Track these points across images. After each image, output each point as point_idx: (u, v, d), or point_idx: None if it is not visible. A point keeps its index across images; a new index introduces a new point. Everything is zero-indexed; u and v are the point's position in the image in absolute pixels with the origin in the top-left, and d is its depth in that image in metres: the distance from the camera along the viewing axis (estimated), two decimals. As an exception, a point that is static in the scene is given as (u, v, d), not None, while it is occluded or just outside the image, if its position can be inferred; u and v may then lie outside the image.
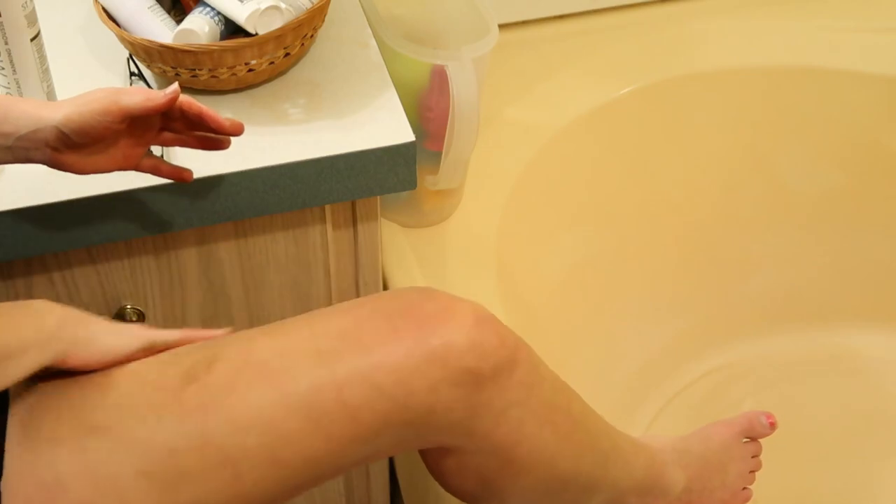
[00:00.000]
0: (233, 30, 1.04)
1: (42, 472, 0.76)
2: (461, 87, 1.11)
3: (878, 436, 1.49)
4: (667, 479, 1.05)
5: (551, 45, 1.46)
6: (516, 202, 1.31)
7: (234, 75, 1.02)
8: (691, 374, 1.56)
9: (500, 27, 1.15)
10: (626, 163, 1.47)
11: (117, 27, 1.02)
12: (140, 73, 1.05)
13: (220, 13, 1.03)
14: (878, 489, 1.44)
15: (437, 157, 1.18)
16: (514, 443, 0.87)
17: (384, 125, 1.02)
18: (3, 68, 0.95)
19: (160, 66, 1.02)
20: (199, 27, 1.01)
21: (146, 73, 1.06)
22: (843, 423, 1.50)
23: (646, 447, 1.05)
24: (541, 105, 1.39)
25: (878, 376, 1.56)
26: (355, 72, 1.08)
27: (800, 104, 1.50)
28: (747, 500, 1.14)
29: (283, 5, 1.01)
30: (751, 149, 1.52)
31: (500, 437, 0.86)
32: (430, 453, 0.90)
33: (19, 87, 0.96)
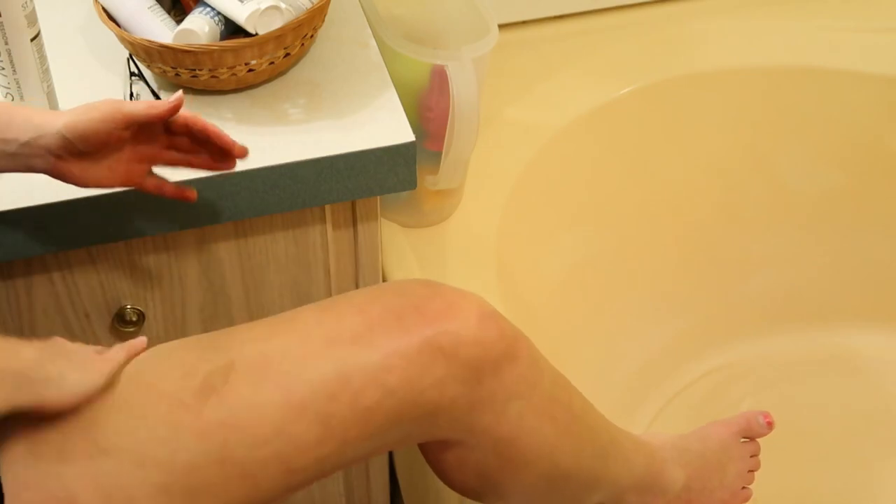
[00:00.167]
0: (233, 30, 1.04)
1: (52, 486, 0.75)
2: (461, 87, 1.11)
3: (878, 436, 1.49)
4: (666, 476, 1.06)
5: (551, 45, 1.46)
6: (516, 202, 1.31)
7: (234, 75, 1.02)
8: (691, 374, 1.56)
9: (500, 27, 1.15)
10: (626, 163, 1.47)
11: (117, 27, 1.02)
12: (140, 73, 1.05)
13: (220, 13, 1.03)
14: (878, 489, 1.44)
15: (437, 157, 1.18)
16: (515, 437, 0.88)
17: (384, 125, 1.02)
18: (3, 68, 0.95)
19: (160, 66, 1.02)
20: (199, 27, 1.01)
21: (146, 73, 1.06)
22: (843, 423, 1.50)
23: (645, 444, 1.05)
24: (541, 105, 1.39)
25: (878, 376, 1.56)
26: (355, 72, 1.08)
27: (800, 104, 1.50)
28: (747, 499, 1.14)
29: (283, 5, 1.01)
30: (751, 149, 1.52)
31: (501, 430, 0.87)
32: (431, 449, 0.90)
33: (19, 87, 0.96)
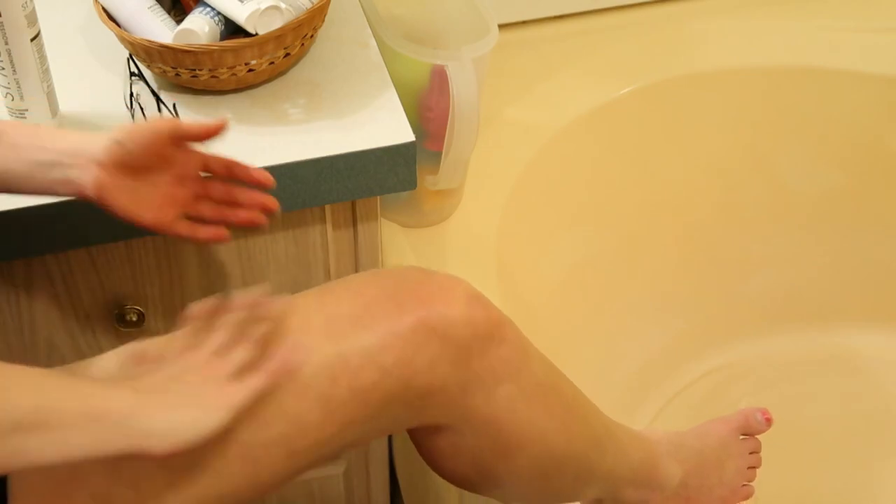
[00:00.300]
0: (233, 30, 1.04)
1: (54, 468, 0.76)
2: (461, 87, 1.11)
3: (878, 436, 1.49)
4: (663, 471, 1.05)
5: (551, 45, 1.45)
6: (516, 202, 1.31)
7: (234, 75, 1.02)
8: (691, 374, 1.56)
9: (500, 27, 1.15)
10: (626, 163, 1.46)
11: (117, 27, 1.02)
12: (140, 73, 1.05)
13: (220, 13, 1.03)
14: (878, 489, 1.43)
15: (437, 157, 1.18)
16: (506, 419, 0.89)
17: (384, 125, 1.02)
18: (3, 68, 0.95)
19: (160, 66, 1.02)
20: (199, 27, 1.01)
21: (146, 73, 1.06)
22: (843, 423, 1.50)
23: (642, 437, 1.05)
24: (541, 105, 1.39)
25: (878, 376, 1.56)
26: (355, 72, 1.08)
27: (800, 104, 1.50)
28: (748, 496, 1.14)
29: (283, 5, 1.01)
30: (751, 149, 1.52)
31: (491, 413, 0.88)
32: (425, 438, 0.91)
33: (19, 87, 0.96)
